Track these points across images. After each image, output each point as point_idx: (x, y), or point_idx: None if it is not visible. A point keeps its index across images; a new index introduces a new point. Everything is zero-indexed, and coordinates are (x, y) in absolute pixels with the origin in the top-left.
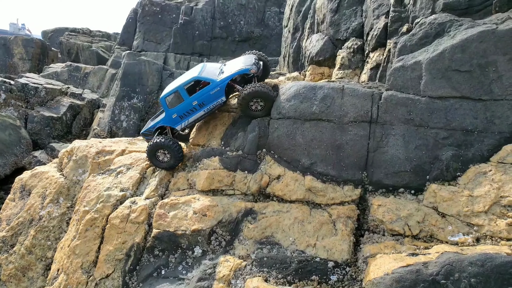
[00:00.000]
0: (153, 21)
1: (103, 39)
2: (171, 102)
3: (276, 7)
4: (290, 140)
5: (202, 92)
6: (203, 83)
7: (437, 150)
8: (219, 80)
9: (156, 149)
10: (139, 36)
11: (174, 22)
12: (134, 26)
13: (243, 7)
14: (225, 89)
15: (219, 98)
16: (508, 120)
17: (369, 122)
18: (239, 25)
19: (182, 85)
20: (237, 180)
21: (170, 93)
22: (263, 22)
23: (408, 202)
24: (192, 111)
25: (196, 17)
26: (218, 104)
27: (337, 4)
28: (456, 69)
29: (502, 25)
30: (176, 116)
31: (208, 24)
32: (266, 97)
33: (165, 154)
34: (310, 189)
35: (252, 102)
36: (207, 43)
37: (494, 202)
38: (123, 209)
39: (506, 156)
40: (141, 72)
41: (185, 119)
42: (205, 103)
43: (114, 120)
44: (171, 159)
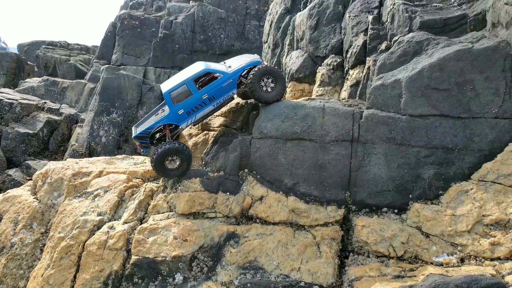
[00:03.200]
0: (133, 34)
1: (81, 52)
2: (176, 98)
3: (255, 20)
4: (273, 160)
5: (214, 85)
6: (207, 79)
7: (419, 168)
8: (230, 72)
9: (165, 157)
10: (118, 50)
11: (153, 35)
12: (113, 39)
13: (223, 20)
14: (237, 81)
15: (231, 91)
16: (487, 138)
17: (351, 141)
18: (219, 38)
19: (191, 78)
20: (219, 202)
21: (176, 87)
22: (243, 36)
23: (392, 222)
24: (201, 106)
25: (176, 30)
26: (228, 98)
27: (316, 21)
28: (435, 87)
29: (477, 43)
30: (183, 112)
31: (188, 38)
32: (278, 76)
33: (174, 160)
34: (294, 210)
35: (263, 82)
36: (187, 56)
37: (477, 221)
38: (100, 235)
39: (487, 174)
40: (120, 86)
41: (193, 115)
42: (216, 97)
43: (93, 135)
44: (183, 165)
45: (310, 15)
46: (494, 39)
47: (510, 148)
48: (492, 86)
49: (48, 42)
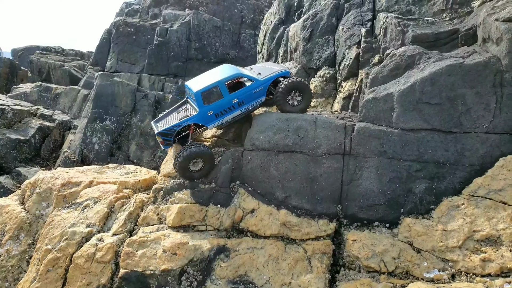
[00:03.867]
0: (128, 41)
1: (76, 58)
2: (207, 98)
3: (251, 29)
4: (264, 172)
5: (245, 90)
6: (233, 84)
7: (410, 183)
8: (262, 79)
9: (190, 160)
10: (113, 57)
11: (148, 43)
12: (108, 46)
13: (219, 29)
14: (267, 90)
15: (260, 98)
16: (478, 153)
17: (343, 154)
18: (214, 46)
19: (223, 80)
20: (210, 215)
21: (208, 87)
22: (238, 44)
23: (383, 236)
24: (230, 109)
25: (171, 38)
26: (256, 105)
27: (309, 33)
28: (427, 101)
29: (468, 58)
30: (212, 113)
31: (183, 46)
32: (306, 90)
33: (197, 162)
34: (285, 223)
35: (290, 95)
36: (182, 64)
37: (468, 237)
38: (89, 248)
39: (477, 189)
40: (114, 93)
41: (221, 118)
42: (245, 102)
43: (86, 142)
44: (205, 167)
45: (304, 26)
46: (484, 55)
47: (500, 163)
48: (483, 101)
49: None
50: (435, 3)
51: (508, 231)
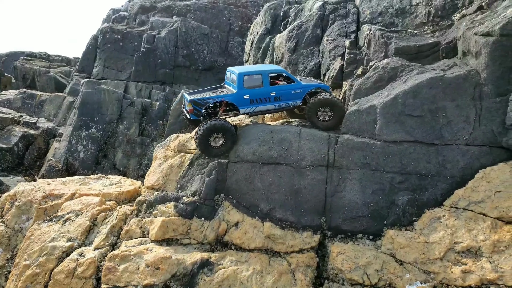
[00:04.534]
0: (114, 48)
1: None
2: (248, 83)
3: (239, 37)
4: (249, 185)
5: (285, 87)
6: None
7: (393, 194)
8: (303, 83)
9: (211, 134)
10: (99, 64)
11: (136, 50)
12: (94, 53)
13: (206, 36)
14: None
15: (295, 100)
16: (459, 165)
17: (326, 166)
18: (202, 54)
19: (268, 71)
20: (193, 228)
21: (252, 73)
22: (226, 52)
23: (367, 249)
24: (266, 100)
25: (158, 45)
26: (290, 105)
27: (294, 43)
28: (409, 114)
29: (449, 71)
30: (248, 98)
31: (171, 53)
32: (337, 106)
33: (218, 138)
34: (269, 236)
35: (320, 111)
36: (169, 71)
37: (449, 248)
38: (69, 263)
39: (458, 201)
40: (100, 101)
41: (254, 105)
42: (282, 99)
43: (71, 150)
44: (226, 143)
45: (289, 37)
46: (464, 68)
47: (480, 175)
48: (463, 114)
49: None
50: (417, 15)
51: (487, 243)
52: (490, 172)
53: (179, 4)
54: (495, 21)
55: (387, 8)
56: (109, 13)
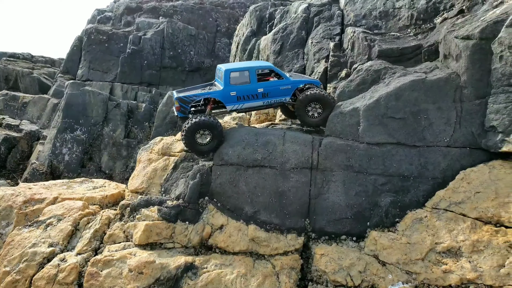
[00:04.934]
0: (100, 49)
1: (46, 65)
2: (235, 79)
3: (226, 38)
4: (233, 188)
5: (272, 83)
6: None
7: (376, 196)
8: (292, 79)
9: (197, 130)
10: (84, 65)
11: (121, 51)
12: (79, 54)
13: (193, 37)
14: (294, 91)
15: (284, 96)
16: (440, 166)
17: (310, 168)
18: (189, 55)
19: (255, 68)
20: (177, 232)
21: (238, 69)
22: (213, 53)
23: (350, 250)
24: (253, 97)
25: (144, 46)
26: (279, 102)
27: (279, 46)
28: (392, 116)
29: (431, 74)
30: (235, 95)
31: (157, 54)
32: (327, 103)
33: (205, 136)
34: (254, 239)
35: (310, 107)
36: (156, 72)
37: (430, 249)
38: (50, 269)
39: (439, 202)
40: (85, 102)
41: (241, 102)
42: (270, 96)
43: (55, 153)
44: (213, 141)
45: (274, 39)
46: (445, 70)
47: (460, 176)
48: (444, 116)
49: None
50: (400, 18)
51: (467, 243)
52: (470, 173)
53: (165, 5)
54: (474, 24)
55: (371, 10)
56: (94, 14)
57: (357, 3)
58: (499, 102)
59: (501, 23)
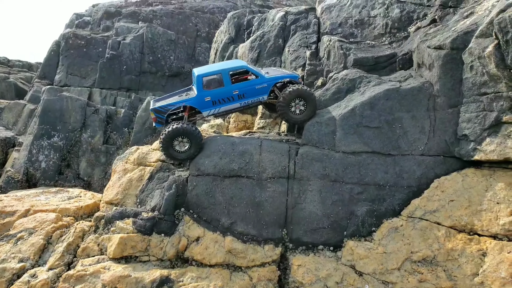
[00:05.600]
0: (78, 54)
1: (23, 69)
2: (208, 84)
3: (206, 43)
4: (210, 198)
5: (247, 84)
6: (241, 78)
7: (352, 205)
8: (268, 77)
9: (175, 137)
10: (62, 70)
11: (100, 56)
12: (56, 59)
13: (173, 42)
14: (270, 89)
15: (262, 95)
16: (415, 175)
17: (287, 178)
18: (169, 60)
19: (228, 70)
20: (153, 245)
21: (211, 73)
22: (193, 58)
23: (327, 260)
24: (229, 100)
25: (123, 51)
26: (256, 101)
27: (257, 54)
28: (367, 125)
29: (405, 83)
30: (209, 100)
31: (137, 59)
32: (310, 99)
33: (183, 143)
34: (231, 251)
35: (293, 103)
36: (135, 77)
37: (406, 258)
38: (20, 286)
39: (415, 210)
40: (62, 108)
41: (217, 106)
42: (246, 96)
43: (32, 160)
44: (191, 148)
45: (252, 47)
46: (419, 79)
47: (435, 184)
48: (418, 125)
49: None
50: (375, 27)
51: (442, 251)
52: (444, 181)
53: (145, 9)
54: (446, 34)
55: (347, 19)
56: (72, 18)
57: (333, 11)
58: (470, 111)
59: (471, 33)
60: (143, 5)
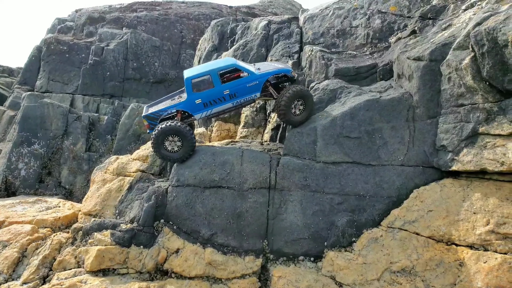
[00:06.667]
0: (60, 60)
1: (3, 74)
2: (197, 86)
3: (191, 49)
4: (190, 210)
5: (238, 83)
6: (232, 76)
7: (333, 215)
8: (258, 73)
9: (165, 136)
10: (43, 76)
11: (83, 62)
12: (37, 64)
13: (158, 48)
14: (262, 85)
15: (254, 93)
16: (395, 185)
17: (268, 188)
18: (153, 66)
19: (216, 70)
20: (131, 257)
21: (199, 75)
22: (178, 64)
23: (308, 271)
24: (220, 100)
25: (107, 57)
26: (249, 100)
27: None
28: (347, 135)
29: (385, 93)
30: (200, 102)
31: (120, 65)
32: (309, 99)
33: (175, 142)
34: (211, 263)
35: (293, 105)
36: (119, 84)
37: (385, 269)
38: None
39: (394, 221)
40: (43, 115)
41: (209, 108)
42: (237, 95)
43: (11, 168)
44: (182, 149)
45: (235, 56)
46: (399, 90)
47: (414, 194)
48: (398, 135)
49: None
50: (357, 37)
51: (420, 261)
52: (423, 191)
53: (129, 15)
54: (425, 46)
55: (329, 29)
56: (54, 23)
57: (316, 21)
58: (448, 122)
59: (449, 45)
60: (127, 11)
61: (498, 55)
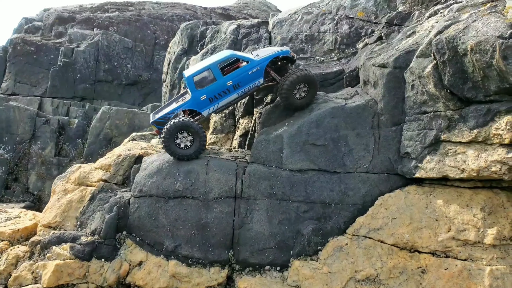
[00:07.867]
0: (27, 61)
1: None
2: (200, 82)
3: (165, 51)
4: (153, 221)
5: (239, 72)
6: (233, 68)
7: (299, 224)
8: (258, 59)
9: (177, 131)
10: (10, 78)
11: (52, 63)
12: (3, 66)
13: (130, 50)
14: (264, 70)
15: (257, 79)
16: (360, 192)
17: (234, 197)
18: (125, 68)
19: (216, 63)
20: (92, 271)
21: (200, 71)
22: (151, 66)
23: (274, 282)
24: (225, 93)
25: (77, 59)
26: (254, 87)
27: None
28: (313, 143)
29: (350, 100)
30: (205, 98)
31: (91, 67)
32: (313, 83)
33: (187, 139)
34: (175, 275)
35: (296, 89)
36: (90, 86)
37: (350, 277)
38: None
39: (360, 228)
40: (9, 119)
41: (215, 102)
42: (241, 85)
43: None
44: (193, 146)
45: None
46: (364, 97)
47: (379, 202)
48: (363, 142)
49: None
50: (325, 42)
51: (384, 269)
52: (387, 199)
53: (100, 16)
54: (390, 53)
55: (297, 34)
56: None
57: (284, 26)
58: (412, 129)
59: (413, 53)
60: (98, 11)
61: (458, 63)
